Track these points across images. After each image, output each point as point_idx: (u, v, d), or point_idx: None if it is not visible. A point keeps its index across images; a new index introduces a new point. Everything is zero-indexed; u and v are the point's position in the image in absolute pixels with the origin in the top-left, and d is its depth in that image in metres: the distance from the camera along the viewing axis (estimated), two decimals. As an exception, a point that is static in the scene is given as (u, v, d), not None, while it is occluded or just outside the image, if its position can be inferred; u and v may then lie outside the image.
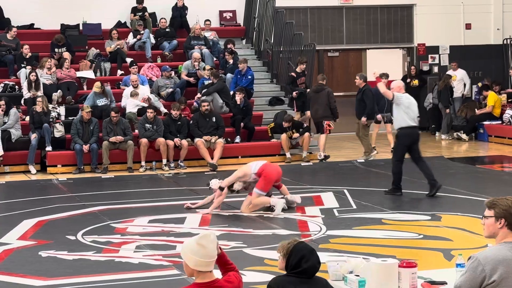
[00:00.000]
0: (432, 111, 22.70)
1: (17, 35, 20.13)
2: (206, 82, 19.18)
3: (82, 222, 12.12)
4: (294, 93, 19.28)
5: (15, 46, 19.63)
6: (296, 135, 18.12)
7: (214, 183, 12.70)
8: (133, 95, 18.35)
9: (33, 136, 17.18)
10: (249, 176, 12.50)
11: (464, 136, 21.19)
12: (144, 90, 18.66)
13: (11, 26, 20.12)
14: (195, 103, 18.91)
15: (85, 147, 17.11)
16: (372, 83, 16.40)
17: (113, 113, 17.34)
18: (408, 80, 22.73)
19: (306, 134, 18.18)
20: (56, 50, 19.73)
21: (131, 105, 18.34)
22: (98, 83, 18.27)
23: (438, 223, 11.47)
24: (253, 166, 12.54)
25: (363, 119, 17.99)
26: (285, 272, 5.43)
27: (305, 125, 18.51)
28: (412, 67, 23.20)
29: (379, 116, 18.39)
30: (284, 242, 5.50)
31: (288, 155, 18.18)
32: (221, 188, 12.46)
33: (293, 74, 19.53)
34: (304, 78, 19.67)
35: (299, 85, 19.45)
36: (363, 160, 17.94)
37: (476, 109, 21.78)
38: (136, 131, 17.73)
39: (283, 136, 18.13)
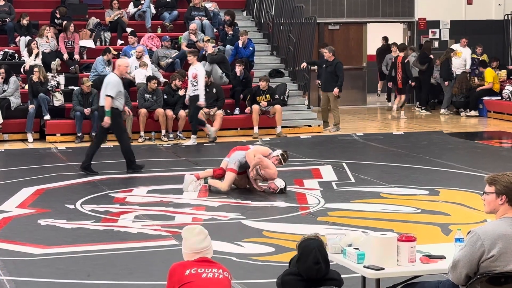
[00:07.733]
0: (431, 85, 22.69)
1: (17, 3, 20.03)
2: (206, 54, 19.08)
3: (81, 191, 12.15)
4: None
5: (8, 10, 19.45)
6: (264, 103, 17.98)
7: None
8: (142, 65, 18.21)
9: (31, 107, 17.16)
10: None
11: (472, 113, 21.11)
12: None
13: None
14: None
15: (86, 110, 17.01)
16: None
17: None
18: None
19: (278, 106, 18.08)
20: (56, 21, 19.60)
21: (140, 75, 18.19)
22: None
23: (436, 197, 11.50)
24: (232, 161, 12.02)
25: (336, 90, 18.34)
26: None
27: (276, 96, 18.34)
28: (411, 46, 23.05)
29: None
30: None
31: (255, 129, 18.01)
32: None
33: None
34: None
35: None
36: (334, 133, 18.21)
37: (469, 81, 21.69)
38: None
39: (255, 107, 17.99)
